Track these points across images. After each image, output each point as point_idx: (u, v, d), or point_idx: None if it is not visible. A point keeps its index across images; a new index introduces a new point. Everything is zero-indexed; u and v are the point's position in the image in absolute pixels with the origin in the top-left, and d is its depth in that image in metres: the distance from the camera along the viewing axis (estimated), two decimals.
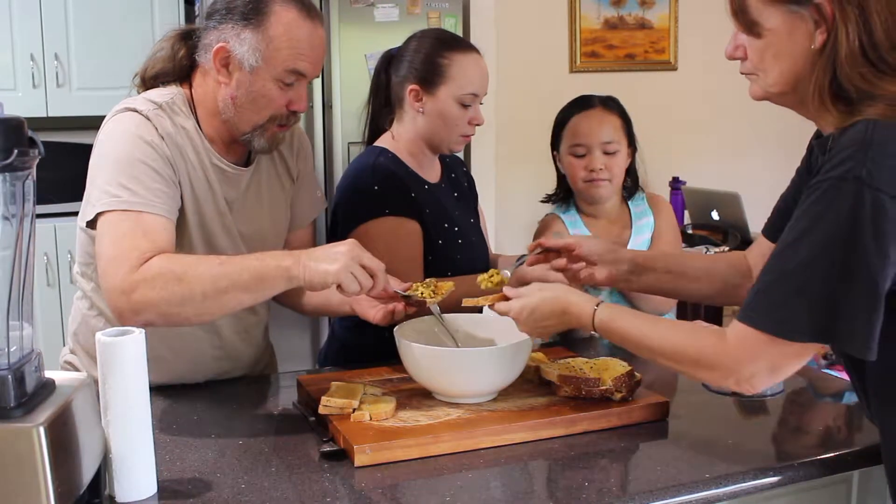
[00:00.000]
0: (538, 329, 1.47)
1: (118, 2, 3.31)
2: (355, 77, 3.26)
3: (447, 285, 1.57)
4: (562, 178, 2.24)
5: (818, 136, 1.29)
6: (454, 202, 2.05)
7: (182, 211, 1.58)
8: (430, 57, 1.91)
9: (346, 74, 3.24)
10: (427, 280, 1.60)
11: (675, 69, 4.49)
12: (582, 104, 2.18)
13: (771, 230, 1.47)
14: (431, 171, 2.02)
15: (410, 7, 3.30)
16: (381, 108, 2.02)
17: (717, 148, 4.57)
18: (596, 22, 4.31)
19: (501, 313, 1.49)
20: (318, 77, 1.74)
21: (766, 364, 1.19)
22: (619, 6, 4.34)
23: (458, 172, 2.14)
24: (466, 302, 1.53)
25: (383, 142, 1.99)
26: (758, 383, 1.21)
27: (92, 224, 1.51)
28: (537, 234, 2.24)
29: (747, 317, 1.19)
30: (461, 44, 1.96)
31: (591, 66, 4.23)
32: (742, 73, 1.30)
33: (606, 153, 2.13)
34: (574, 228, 2.20)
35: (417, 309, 1.58)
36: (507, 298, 1.49)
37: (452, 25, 3.36)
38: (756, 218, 4.10)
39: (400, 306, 1.58)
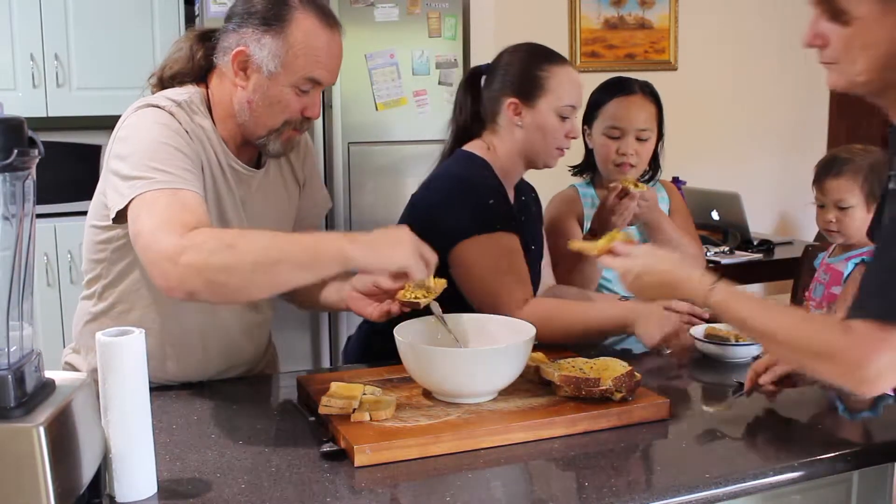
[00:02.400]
0: (641, 294, 1.44)
1: (118, 2, 3.31)
2: (355, 77, 3.26)
3: (440, 283, 1.58)
4: (588, 153, 2.33)
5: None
6: (520, 225, 2.03)
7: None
8: (528, 70, 1.90)
9: (347, 74, 3.24)
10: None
11: (675, 69, 4.49)
12: (624, 88, 2.25)
13: (871, 231, 1.43)
14: (511, 191, 2.00)
15: (410, 7, 3.31)
16: (467, 125, 1.99)
17: (717, 148, 4.57)
18: (596, 22, 4.31)
19: (605, 265, 1.46)
20: (333, 84, 1.74)
21: (891, 358, 1.12)
22: (619, 6, 4.34)
23: (527, 198, 2.11)
24: (572, 245, 1.50)
25: (479, 151, 1.94)
26: (883, 383, 1.15)
27: (120, 218, 1.48)
28: (553, 207, 2.34)
29: (862, 310, 1.14)
30: (556, 56, 1.95)
31: (592, 66, 4.23)
32: (822, 63, 1.25)
33: (639, 139, 2.21)
34: (588, 209, 2.32)
35: (412, 308, 1.58)
36: (615, 253, 1.45)
37: (452, 25, 3.36)
38: (756, 218, 4.12)
39: (395, 306, 1.58)
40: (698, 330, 1.86)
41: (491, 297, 1.79)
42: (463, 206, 1.84)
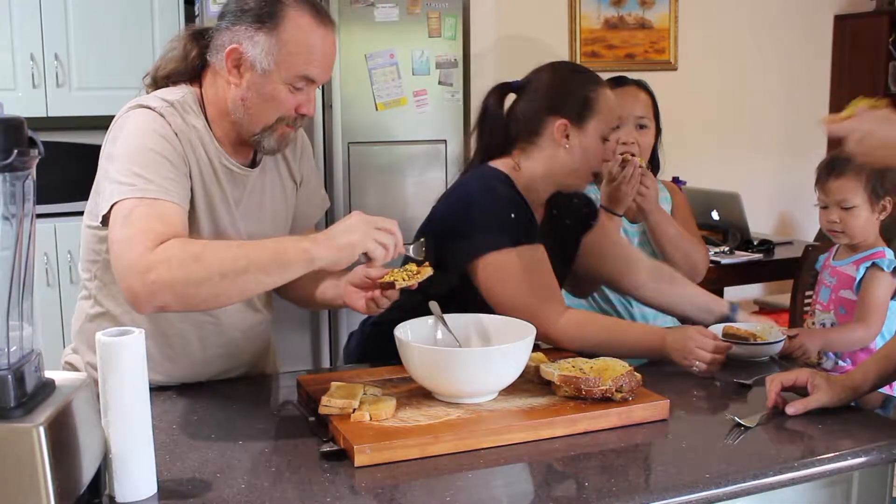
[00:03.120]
0: (865, 157, 1.43)
1: (118, 2, 3.31)
2: (355, 77, 3.26)
3: (426, 271, 1.58)
4: None
5: None
6: (553, 236, 1.97)
7: (193, 208, 1.58)
8: (578, 91, 1.87)
9: (347, 74, 3.25)
10: (406, 266, 1.60)
11: (675, 69, 4.49)
12: (618, 81, 2.32)
13: None
14: (538, 212, 1.95)
15: (410, 7, 3.31)
16: (493, 140, 1.93)
17: (717, 148, 4.58)
18: (596, 22, 4.31)
19: (831, 132, 1.46)
20: (327, 81, 1.74)
21: None
22: (619, 6, 4.34)
23: (565, 209, 2.04)
24: (825, 118, 1.49)
25: (504, 168, 1.89)
26: None
27: (106, 220, 1.50)
28: None
29: None
30: (598, 76, 1.94)
31: (592, 66, 4.20)
32: None
33: (638, 127, 2.28)
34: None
35: (389, 289, 1.58)
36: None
37: (452, 25, 3.36)
38: (756, 218, 4.12)
39: (377, 293, 1.59)
40: (716, 328, 1.86)
41: (523, 315, 1.72)
42: (484, 220, 1.80)
